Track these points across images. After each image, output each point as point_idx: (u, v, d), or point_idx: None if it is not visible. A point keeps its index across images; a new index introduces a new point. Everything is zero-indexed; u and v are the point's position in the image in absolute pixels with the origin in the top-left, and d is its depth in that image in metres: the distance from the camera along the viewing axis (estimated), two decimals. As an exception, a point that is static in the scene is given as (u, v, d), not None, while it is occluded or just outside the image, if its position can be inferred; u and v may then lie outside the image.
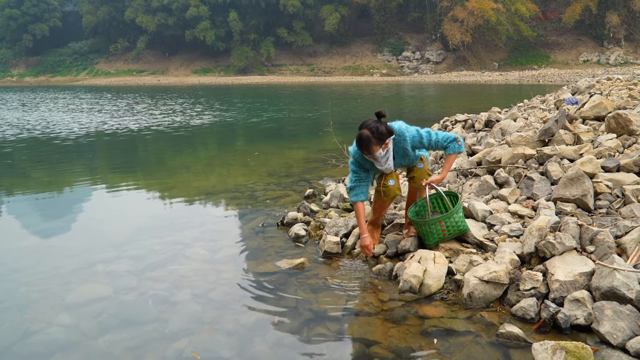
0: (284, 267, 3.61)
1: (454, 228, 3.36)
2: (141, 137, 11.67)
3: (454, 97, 24.75)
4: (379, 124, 3.24)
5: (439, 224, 3.34)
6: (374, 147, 3.25)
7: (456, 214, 3.34)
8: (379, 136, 3.23)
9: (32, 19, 69.92)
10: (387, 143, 3.30)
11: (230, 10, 61.57)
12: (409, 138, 3.39)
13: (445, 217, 3.33)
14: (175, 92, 34.79)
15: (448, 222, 3.34)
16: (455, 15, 52.44)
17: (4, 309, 3.14)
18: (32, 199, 6.19)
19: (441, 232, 3.36)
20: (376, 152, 3.27)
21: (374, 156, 3.31)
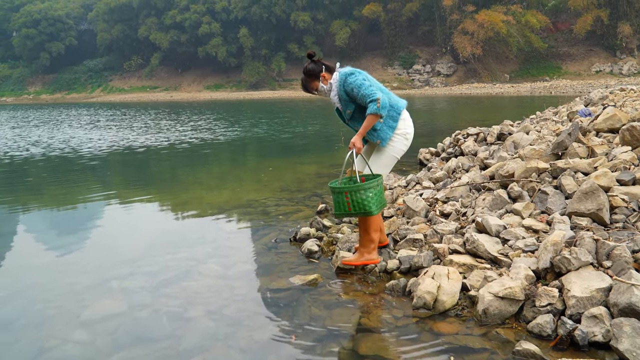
0: (297, 283, 3.61)
1: (359, 205, 3.33)
2: (155, 153, 11.78)
3: (465, 110, 24.71)
4: (311, 64, 3.61)
5: (344, 194, 3.35)
6: (311, 84, 3.66)
7: (364, 191, 3.30)
8: (308, 72, 3.62)
9: (48, 38, 71.36)
10: (324, 76, 3.61)
11: (241, 26, 62.26)
12: (340, 79, 3.53)
13: (351, 189, 3.31)
14: (188, 108, 35.12)
15: (354, 196, 3.31)
16: (465, 28, 52.53)
17: (21, 326, 3.17)
18: (47, 215, 6.26)
19: (347, 205, 3.35)
20: (318, 87, 3.64)
21: (318, 92, 3.67)
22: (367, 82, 3.42)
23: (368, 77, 3.50)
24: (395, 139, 3.59)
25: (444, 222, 4.11)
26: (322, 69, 3.59)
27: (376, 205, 3.39)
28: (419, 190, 5.43)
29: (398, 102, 3.60)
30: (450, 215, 4.32)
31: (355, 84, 3.41)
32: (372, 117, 3.37)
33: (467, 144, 6.90)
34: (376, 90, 3.37)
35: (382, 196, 3.46)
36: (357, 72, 3.49)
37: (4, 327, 3.16)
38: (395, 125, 3.55)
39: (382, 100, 3.31)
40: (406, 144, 3.64)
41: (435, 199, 4.81)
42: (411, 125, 3.66)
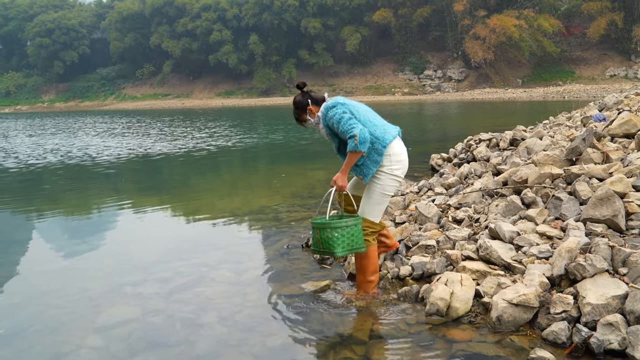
0: (309, 290, 3.61)
1: (325, 244, 3.16)
2: (169, 160, 11.86)
3: (477, 115, 24.60)
4: (299, 96, 3.46)
5: (315, 230, 3.21)
6: (300, 116, 3.48)
7: (330, 230, 3.13)
8: (297, 105, 3.47)
9: (62, 47, 72.30)
10: (310, 109, 3.42)
11: (252, 33, 62.65)
12: (322, 113, 3.33)
13: (320, 226, 3.17)
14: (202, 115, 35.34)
15: (322, 234, 3.16)
16: (477, 33, 52.36)
17: (36, 332, 3.20)
18: (62, 221, 6.33)
19: (317, 241, 3.21)
20: (306, 120, 3.46)
21: (306, 124, 3.49)
22: (347, 114, 3.18)
23: (350, 108, 3.24)
24: (381, 176, 3.28)
25: (456, 229, 4.08)
26: (309, 102, 3.40)
27: (342, 247, 3.14)
28: (431, 196, 5.41)
29: (385, 133, 3.26)
30: (463, 221, 4.30)
31: (335, 118, 3.20)
32: (352, 154, 3.15)
33: (480, 149, 6.87)
34: (355, 124, 3.12)
35: (354, 239, 3.17)
36: (338, 104, 3.23)
37: (20, 332, 3.20)
38: (380, 160, 3.23)
39: (359, 135, 3.07)
40: (396, 179, 3.32)
41: (447, 205, 4.79)
42: (400, 160, 3.31)
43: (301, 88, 3.47)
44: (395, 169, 3.28)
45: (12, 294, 3.90)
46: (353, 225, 3.17)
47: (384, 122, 3.39)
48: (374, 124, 3.27)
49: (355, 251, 3.22)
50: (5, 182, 9.52)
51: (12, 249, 5.30)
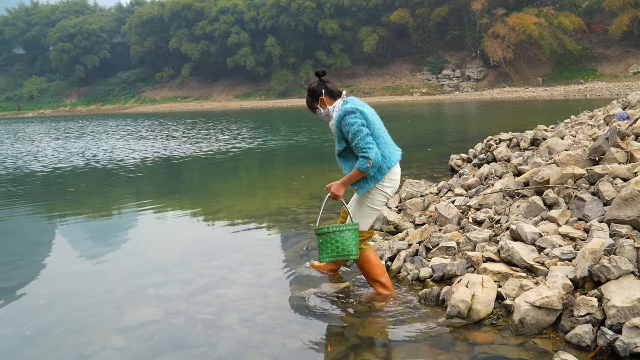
0: (329, 292, 3.61)
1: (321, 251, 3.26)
2: (190, 162, 11.97)
3: (497, 115, 24.36)
4: (315, 84, 3.38)
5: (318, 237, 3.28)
6: (312, 103, 3.42)
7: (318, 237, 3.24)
8: (311, 93, 3.39)
9: (83, 52, 73.48)
10: (322, 99, 3.34)
11: (269, 35, 62.90)
12: (340, 114, 3.22)
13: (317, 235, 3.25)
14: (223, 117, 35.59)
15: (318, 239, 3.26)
16: (496, 32, 51.82)
17: (60, 333, 3.25)
18: (85, 224, 6.42)
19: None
20: (316, 108, 3.41)
21: (316, 112, 3.44)
22: (366, 129, 3.13)
23: (369, 120, 3.19)
24: (372, 190, 3.30)
25: (477, 230, 4.05)
26: (323, 92, 3.34)
27: (327, 254, 3.23)
28: (451, 198, 5.37)
29: (392, 155, 3.28)
30: (483, 222, 4.26)
31: (353, 128, 3.12)
32: (359, 172, 3.16)
33: (500, 149, 6.81)
34: (372, 144, 3.10)
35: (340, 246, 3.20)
36: (358, 112, 3.15)
37: (45, 334, 3.25)
38: (380, 179, 3.25)
39: (374, 160, 3.08)
40: (386, 195, 3.34)
41: (468, 206, 4.76)
42: (393, 179, 3.33)
43: (320, 76, 3.37)
44: (387, 186, 3.31)
45: (38, 296, 3.97)
46: (338, 232, 3.18)
47: (390, 139, 3.39)
48: (385, 141, 3.27)
49: (342, 259, 3.25)
50: (32, 186, 9.71)
51: (37, 251, 5.39)
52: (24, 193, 8.93)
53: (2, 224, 6.64)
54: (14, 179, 10.42)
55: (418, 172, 8.24)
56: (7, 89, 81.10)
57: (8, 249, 5.50)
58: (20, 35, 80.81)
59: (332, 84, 3.39)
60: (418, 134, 16.36)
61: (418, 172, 8.18)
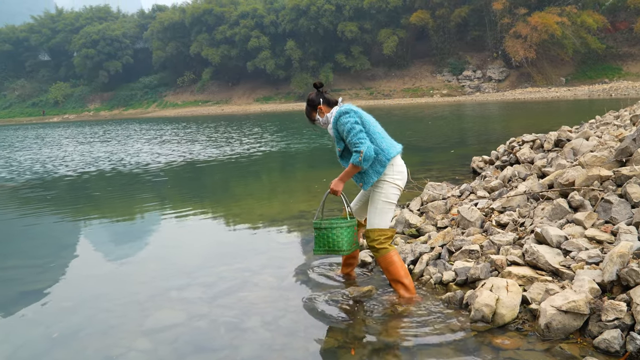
0: (351, 295, 3.60)
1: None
2: (213, 166, 12.07)
3: (519, 116, 24.08)
4: (313, 95, 3.58)
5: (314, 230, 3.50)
6: (310, 113, 3.61)
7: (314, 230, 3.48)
8: (310, 103, 3.58)
9: (106, 57, 74.80)
10: (320, 108, 3.54)
11: (289, 39, 63.16)
12: (335, 116, 3.42)
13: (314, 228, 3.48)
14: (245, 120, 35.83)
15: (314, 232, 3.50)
16: (518, 32, 51.29)
17: (87, 335, 3.30)
18: (109, 226, 6.52)
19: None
20: (315, 118, 3.59)
21: (314, 122, 3.62)
22: (359, 126, 3.29)
23: (363, 119, 3.36)
24: (383, 185, 3.39)
25: (500, 233, 4.00)
26: (320, 101, 3.53)
27: (319, 246, 3.48)
28: (473, 200, 5.32)
29: (390, 147, 3.38)
30: (507, 225, 4.21)
31: (346, 127, 3.29)
32: (353, 167, 3.31)
33: (523, 151, 6.72)
34: (364, 139, 3.24)
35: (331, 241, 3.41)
36: (352, 112, 3.34)
37: (72, 335, 3.31)
38: (382, 171, 3.36)
39: (365, 153, 3.21)
40: (397, 188, 3.42)
41: (491, 208, 4.70)
42: (401, 171, 3.42)
43: (318, 87, 3.59)
44: (397, 178, 3.41)
45: (64, 298, 4.04)
46: (329, 228, 3.41)
47: (387, 135, 3.51)
48: (381, 136, 3.41)
49: (334, 253, 3.48)
50: (60, 190, 9.89)
51: (63, 254, 5.49)
52: (51, 197, 9.11)
53: (30, 227, 6.78)
54: (41, 184, 10.63)
55: (439, 174, 8.18)
56: (32, 95, 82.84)
57: (36, 252, 5.61)
58: (45, 41, 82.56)
59: (329, 94, 3.61)
60: (439, 136, 16.25)
61: (439, 175, 8.12)
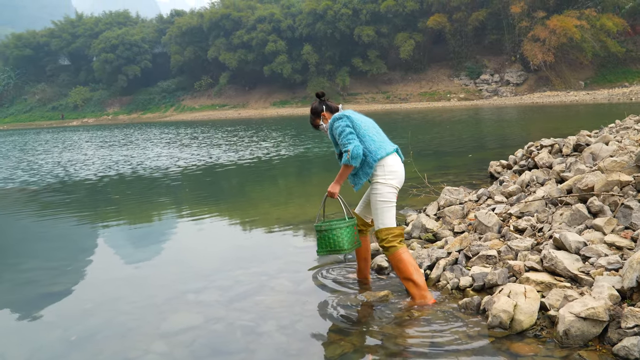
0: (368, 299, 3.60)
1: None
2: (230, 170, 12.14)
3: (537, 120, 23.85)
4: (316, 103, 3.81)
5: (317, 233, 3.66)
6: (314, 120, 3.84)
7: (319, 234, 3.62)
8: (313, 111, 3.82)
9: (125, 62, 75.69)
10: (324, 115, 3.77)
11: (305, 43, 63.30)
12: (330, 121, 3.61)
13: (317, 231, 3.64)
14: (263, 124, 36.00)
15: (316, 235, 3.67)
16: (536, 35, 50.77)
17: (105, 338, 3.35)
18: (127, 230, 6.60)
19: None
20: (319, 124, 3.82)
21: (319, 128, 3.83)
22: (349, 129, 3.46)
23: (354, 123, 3.51)
24: (378, 186, 3.50)
25: (518, 238, 3.97)
26: (323, 109, 3.76)
27: (321, 247, 3.64)
28: (490, 205, 5.28)
29: (378, 149, 3.47)
30: (525, 231, 4.18)
31: (338, 130, 3.50)
32: (344, 167, 3.49)
33: (541, 155, 6.66)
34: (351, 140, 3.40)
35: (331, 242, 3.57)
36: (344, 117, 3.52)
37: (90, 337, 3.35)
38: (371, 172, 3.48)
39: (352, 151, 3.37)
40: (392, 187, 3.51)
41: (508, 213, 4.67)
42: (393, 172, 3.50)
43: (320, 97, 3.82)
44: (390, 179, 3.50)
45: (83, 300, 4.09)
46: (330, 230, 3.56)
47: (384, 138, 3.62)
48: (372, 138, 3.52)
49: (336, 252, 3.60)
50: (80, 194, 10.04)
51: (81, 257, 5.57)
52: (70, 200, 9.25)
53: (49, 230, 6.89)
54: (62, 187, 10.79)
55: (456, 178, 8.14)
56: (53, 99, 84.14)
57: (55, 255, 5.70)
58: (66, 46, 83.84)
59: (331, 102, 3.83)
60: (456, 140, 16.16)
61: (456, 179, 8.08)
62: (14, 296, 4.36)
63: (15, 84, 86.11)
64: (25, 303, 4.16)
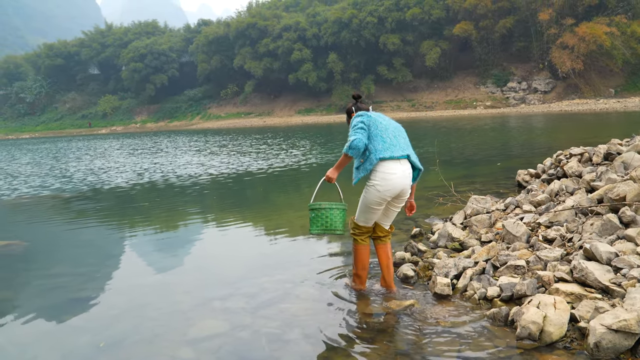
0: (393, 308, 3.58)
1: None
2: (255, 178, 12.22)
3: (566, 128, 23.44)
4: (350, 104, 3.94)
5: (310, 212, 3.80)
6: (348, 120, 3.94)
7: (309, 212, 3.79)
8: (347, 111, 3.97)
9: (153, 71, 77.03)
10: (353, 115, 3.84)
11: (330, 52, 63.50)
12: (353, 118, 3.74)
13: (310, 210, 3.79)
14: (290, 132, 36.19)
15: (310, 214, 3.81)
16: (565, 42, 50.02)
17: (133, 343, 3.39)
18: (155, 237, 6.68)
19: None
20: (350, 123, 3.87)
21: None
22: (361, 124, 3.57)
23: (372, 123, 3.61)
24: (366, 188, 3.63)
25: (547, 248, 3.90)
26: (353, 110, 3.89)
27: (316, 226, 3.79)
28: (519, 214, 5.21)
29: (384, 150, 3.53)
30: (554, 241, 4.10)
31: (352, 124, 3.65)
32: (344, 155, 3.58)
33: (571, 164, 6.54)
34: (356, 133, 3.52)
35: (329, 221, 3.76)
36: (364, 115, 3.65)
37: (119, 343, 3.40)
38: (368, 169, 3.57)
39: (352, 142, 3.48)
40: (379, 195, 3.57)
41: (537, 223, 4.60)
42: (385, 178, 3.54)
43: (355, 98, 3.93)
44: (377, 184, 3.55)
45: (111, 305, 4.16)
46: (328, 209, 3.74)
47: (398, 143, 3.62)
48: (383, 139, 3.56)
49: (329, 232, 3.77)
50: (110, 201, 10.22)
51: (109, 263, 5.66)
52: (101, 207, 9.43)
53: (79, 237, 7.02)
54: (93, 194, 11.00)
55: (483, 187, 8.04)
56: (82, 107, 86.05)
57: (83, 261, 5.80)
58: (95, 56, 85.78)
59: (363, 104, 3.93)
60: (482, 148, 15.98)
61: (483, 188, 7.98)
62: (44, 301, 4.45)
63: (47, 93, 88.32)
64: (54, 308, 4.24)
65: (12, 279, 5.18)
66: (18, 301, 4.52)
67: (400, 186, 3.57)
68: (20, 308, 4.30)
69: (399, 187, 3.57)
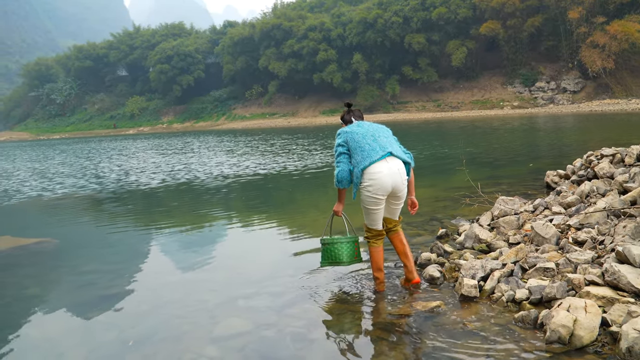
0: (419, 310, 3.54)
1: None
2: (274, 178, 12.27)
3: (597, 129, 22.95)
4: (344, 112, 4.07)
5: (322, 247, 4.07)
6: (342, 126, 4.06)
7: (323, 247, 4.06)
8: (341, 119, 4.12)
9: (179, 72, 78.13)
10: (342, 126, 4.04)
11: (355, 52, 63.37)
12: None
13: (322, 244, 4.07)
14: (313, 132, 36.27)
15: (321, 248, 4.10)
16: (595, 41, 48.99)
17: (160, 340, 3.43)
18: (181, 236, 6.75)
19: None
20: None
21: None
22: (341, 148, 3.74)
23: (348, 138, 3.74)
24: (360, 192, 3.74)
25: (578, 251, 3.82)
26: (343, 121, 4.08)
27: (324, 259, 4.09)
28: (548, 216, 5.10)
29: (364, 159, 3.63)
30: (585, 243, 4.01)
31: (334, 148, 3.81)
32: (337, 189, 3.84)
33: (602, 165, 6.39)
34: (339, 163, 3.72)
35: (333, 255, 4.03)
36: (343, 133, 3.80)
37: (146, 339, 3.44)
38: (358, 180, 3.68)
39: (336, 176, 3.71)
40: (371, 196, 3.68)
41: (567, 225, 4.50)
42: (372, 178, 3.63)
43: (348, 106, 4.10)
44: (366, 186, 3.66)
45: (140, 303, 4.21)
46: (331, 243, 4.02)
47: (377, 144, 3.69)
48: (361, 149, 3.67)
49: (336, 264, 4.08)
50: (142, 200, 10.37)
51: (136, 261, 5.74)
52: (132, 206, 9.59)
53: (107, 235, 7.14)
54: (124, 194, 11.18)
55: (510, 188, 7.91)
56: (111, 108, 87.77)
57: (112, 259, 5.90)
58: (123, 57, 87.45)
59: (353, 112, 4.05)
60: (510, 149, 15.74)
61: (510, 189, 7.86)
62: (74, 297, 4.54)
63: (77, 94, 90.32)
64: (83, 304, 4.32)
65: (43, 276, 5.29)
66: (48, 297, 4.62)
67: (389, 183, 3.64)
68: (50, 304, 4.39)
69: (389, 184, 3.64)
